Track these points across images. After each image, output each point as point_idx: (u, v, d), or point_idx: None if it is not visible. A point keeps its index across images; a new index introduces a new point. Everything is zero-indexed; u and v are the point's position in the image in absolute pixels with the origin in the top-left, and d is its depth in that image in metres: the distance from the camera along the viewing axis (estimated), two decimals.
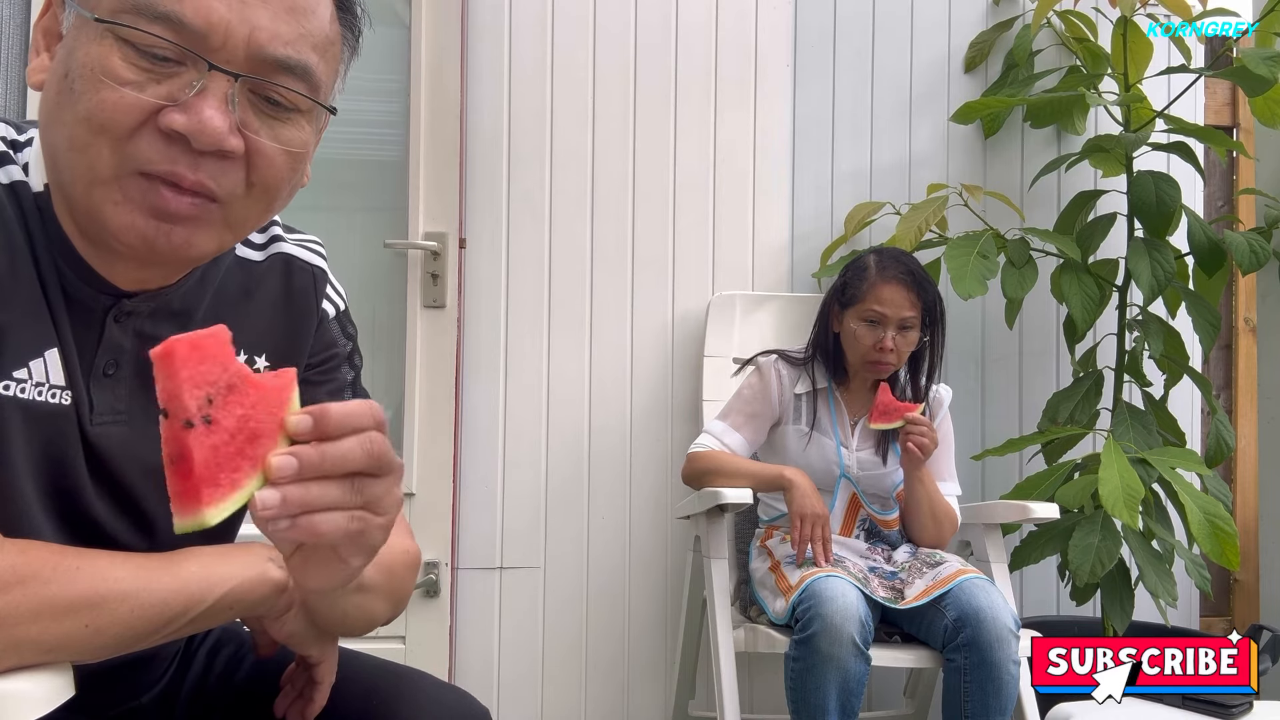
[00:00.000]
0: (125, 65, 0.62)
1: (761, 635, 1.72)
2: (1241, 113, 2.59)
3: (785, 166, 2.39)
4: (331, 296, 0.87)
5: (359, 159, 2.30)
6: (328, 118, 0.75)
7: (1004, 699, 1.58)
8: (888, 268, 1.84)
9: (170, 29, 0.62)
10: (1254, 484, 2.57)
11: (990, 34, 2.41)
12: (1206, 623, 2.55)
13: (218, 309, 0.78)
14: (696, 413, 2.23)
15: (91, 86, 0.62)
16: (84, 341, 0.70)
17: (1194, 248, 2.12)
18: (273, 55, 0.65)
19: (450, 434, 2.17)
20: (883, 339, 1.82)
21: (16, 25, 2.10)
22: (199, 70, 0.63)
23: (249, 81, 0.65)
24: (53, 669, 0.61)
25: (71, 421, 0.69)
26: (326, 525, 0.55)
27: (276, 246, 0.84)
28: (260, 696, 0.86)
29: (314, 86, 0.69)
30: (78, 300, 0.69)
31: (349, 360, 0.89)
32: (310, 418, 0.55)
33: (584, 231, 2.32)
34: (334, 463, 0.55)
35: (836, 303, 1.92)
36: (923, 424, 1.77)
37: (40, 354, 0.67)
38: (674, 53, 2.36)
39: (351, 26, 0.73)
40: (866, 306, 1.83)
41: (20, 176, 0.69)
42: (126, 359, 0.72)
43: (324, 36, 0.69)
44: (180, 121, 0.62)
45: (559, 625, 2.28)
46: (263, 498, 0.53)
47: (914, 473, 1.83)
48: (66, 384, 0.69)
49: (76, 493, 0.71)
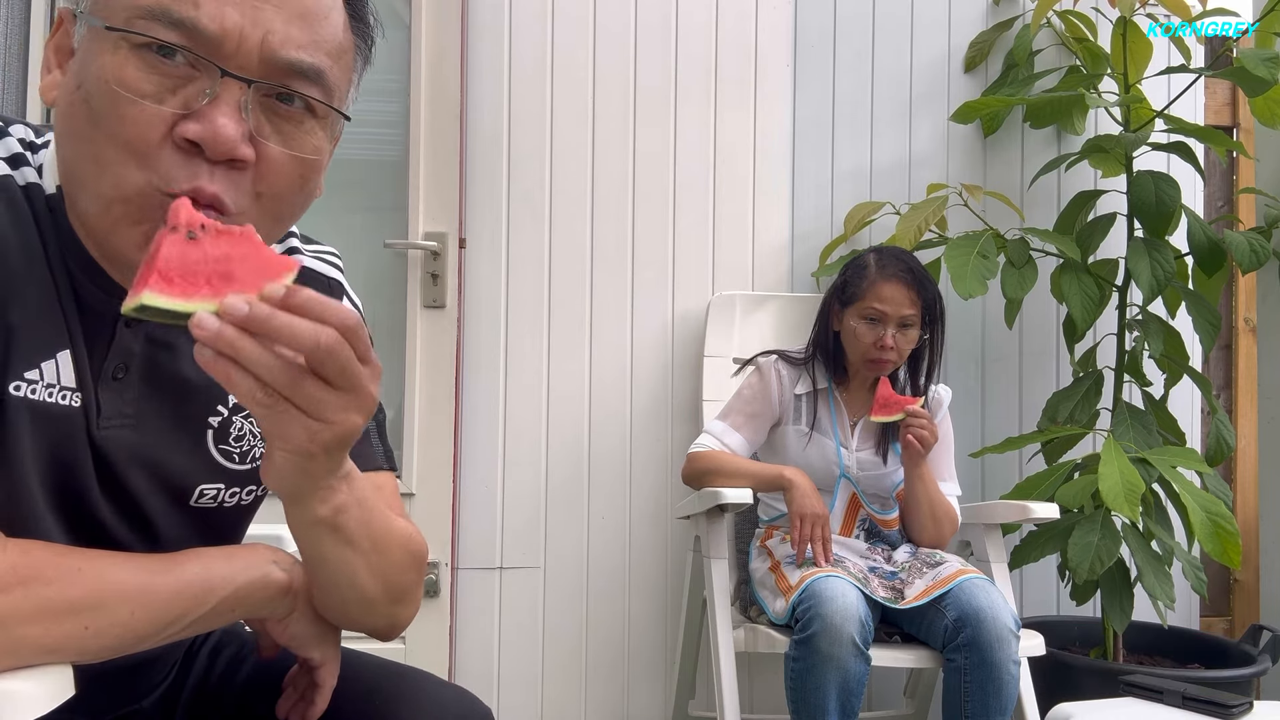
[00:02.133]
0: (140, 76, 0.62)
1: (761, 635, 1.72)
2: (1241, 112, 2.59)
3: (785, 166, 2.39)
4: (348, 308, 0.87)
5: (359, 159, 2.30)
6: (342, 126, 0.75)
7: (1004, 699, 1.58)
8: (888, 266, 1.85)
9: (185, 35, 0.62)
10: (1254, 484, 2.57)
11: (990, 34, 2.41)
12: (1206, 623, 2.55)
13: None
14: (696, 413, 2.23)
15: (109, 102, 0.62)
16: (94, 345, 0.70)
17: (1194, 248, 2.12)
18: (286, 59, 0.65)
19: (450, 434, 2.17)
20: (883, 337, 1.82)
21: (16, 26, 2.10)
22: (212, 78, 0.63)
23: (262, 87, 0.65)
24: (53, 669, 0.61)
25: (80, 424, 0.69)
26: (239, 381, 0.56)
27: (293, 259, 0.84)
28: (262, 698, 0.86)
29: (327, 91, 0.69)
30: (89, 303, 0.69)
31: None
32: (284, 288, 0.56)
33: (584, 231, 2.33)
34: (279, 330, 0.55)
35: (836, 301, 1.92)
36: (923, 416, 1.78)
37: (52, 355, 0.67)
38: (674, 53, 2.36)
39: (364, 35, 0.73)
40: (867, 304, 1.83)
41: (35, 179, 0.69)
42: (136, 363, 0.72)
43: (337, 43, 0.69)
44: (194, 130, 0.62)
45: (559, 625, 2.28)
46: (202, 318, 0.54)
47: (914, 470, 1.83)
48: (77, 386, 0.69)
49: (83, 495, 0.71)
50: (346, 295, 0.88)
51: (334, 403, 0.59)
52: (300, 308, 0.56)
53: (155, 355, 0.73)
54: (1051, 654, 1.85)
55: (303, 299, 0.56)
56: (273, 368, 0.56)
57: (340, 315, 0.57)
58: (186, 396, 0.74)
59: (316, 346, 0.56)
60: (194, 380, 0.75)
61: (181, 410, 0.74)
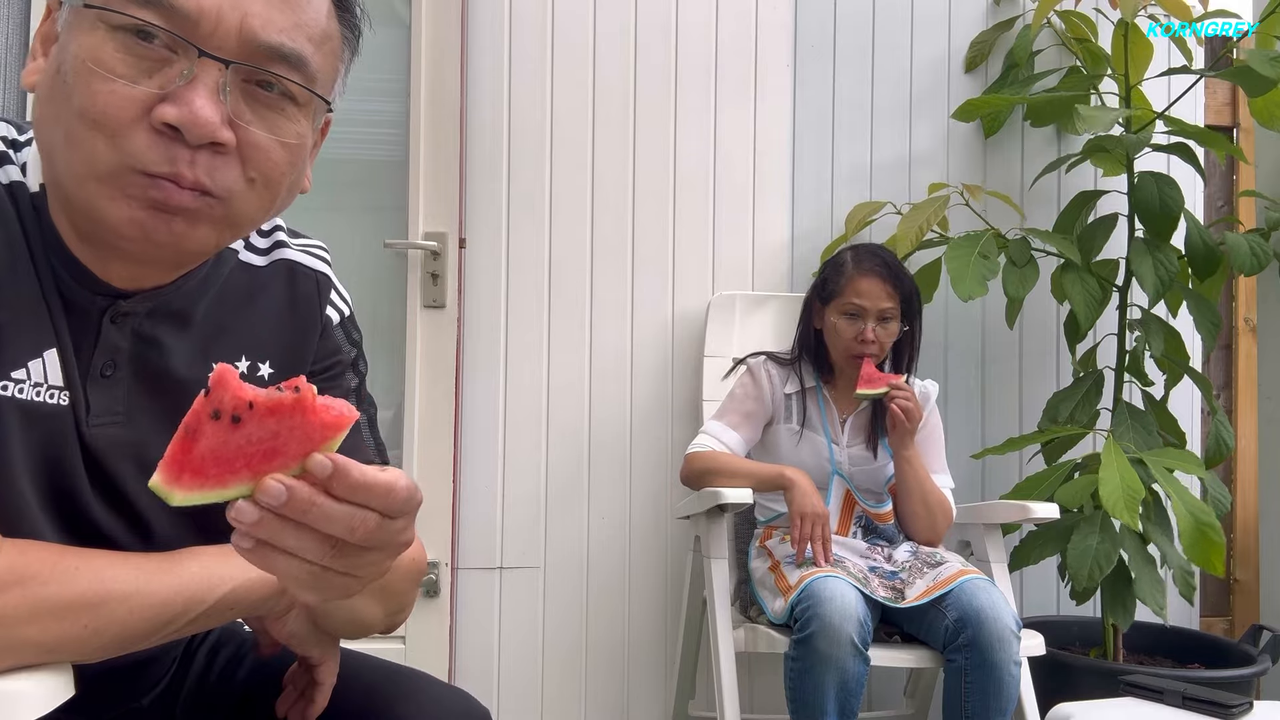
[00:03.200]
0: (116, 57, 0.61)
1: (761, 635, 1.72)
2: (1242, 113, 2.59)
3: (785, 166, 2.39)
4: (336, 303, 0.86)
5: (359, 159, 2.30)
6: (328, 117, 0.74)
7: (1004, 699, 1.58)
8: (864, 261, 1.89)
9: (160, 14, 0.61)
10: (1254, 484, 2.57)
11: (990, 34, 2.41)
12: (1207, 623, 2.55)
13: (219, 311, 0.77)
14: (696, 412, 2.23)
15: (83, 78, 0.61)
16: (81, 343, 0.70)
17: (1190, 252, 2.12)
18: (266, 42, 0.64)
19: (450, 434, 2.17)
20: (864, 330, 1.86)
21: (16, 25, 2.10)
22: (189, 59, 0.62)
23: (241, 70, 0.64)
24: (52, 669, 0.61)
25: (69, 422, 0.69)
26: (282, 566, 0.53)
27: (280, 252, 0.83)
28: (260, 697, 0.86)
29: (309, 77, 0.67)
30: (74, 301, 0.69)
31: (353, 367, 0.88)
32: (330, 465, 0.52)
33: (584, 231, 2.32)
34: (316, 519, 0.52)
35: (817, 299, 1.96)
36: (906, 390, 1.81)
37: (39, 354, 0.67)
38: (674, 53, 2.36)
39: (351, 26, 0.72)
40: (846, 300, 1.87)
41: (18, 177, 0.68)
42: (124, 360, 0.72)
43: (320, 29, 0.68)
44: (171, 114, 0.61)
45: (559, 625, 2.28)
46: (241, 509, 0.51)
47: (902, 450, 1.85)
48: (65, 385, 0.69)
49: (74, 494, 0.71)
50: (334, 289, 0.87)
51: (372, 559, 0.57)
52: (345, 491, 0.52)
53: (143, 352, 0.73)
54: (1051, 654, 1.85)
55: (346, 484, 0.52)
56: (314, 552, 0.53)
57: (390, 494, 0.54)
58: (175, 392, 0.74)
59: (352, 533, 0.53)
60: (183, 376, 0.75)
61: (171, 406, 0.73)
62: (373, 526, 0.54)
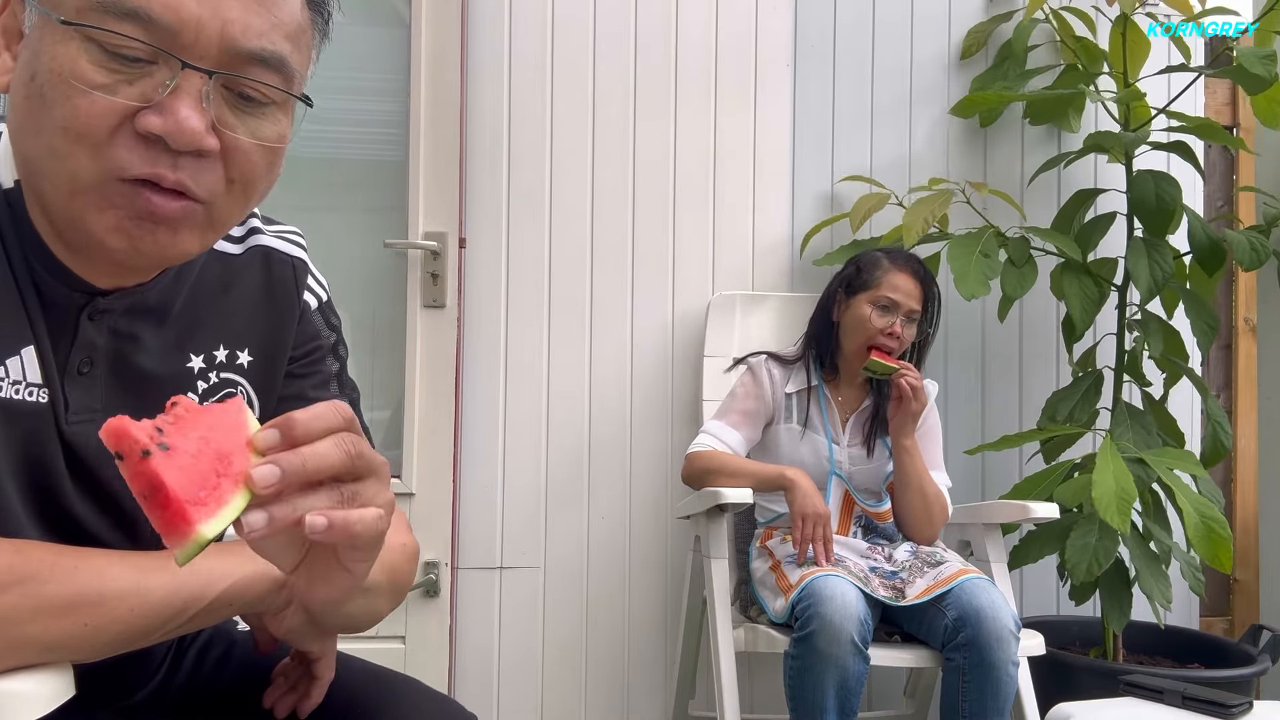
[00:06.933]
0: (94, 68, 0.61)
1: (761, 635, 1.72)
2: (1242, 112, 2.59)
3: (785, 166, 2.39)
4: (313, 287, 0.86)
5: (359, 159, 2.30)
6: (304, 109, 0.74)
7: (1001, 699, 1.58)
8: (900, 259, 1.93)
9: (139, 27, 0.61)
10: (1254, 484, 2.57)
11: (987, 25, 2.40)
12: (1206, 623, 2.55)
13: (195, 304, 0.77)
14: (696, 412, 2.23)
15: (63, 93, 0.61)
16: (59, 340, 0.69)
17: (1194, 247, 2.12)
18: (246, 48, 0.64)
19: (450, 434, 2.17)
20: (893, 324, 1.87)
21: None
22: (171, 69, 0.62)
23: (223, 77, 0.64)
24: (53, 669, 0.61)
25: (49, 420, 0.69)
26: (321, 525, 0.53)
27: (255, 239, 0.82)
28: (251, 694, 0.86)
29: (288, 77, 0.67)
30: (51, 298, 0.69)
31: (333, 352, 0.88)
32: (276, 430, 0.53)
33: (584, 231, 2.33)
34: (315, 465, 0.53)
35: (843, 289, 1.96)
36: (913, 370, 1.84)
37: (16, 352, 0.67)
38: (674, 53, 2.36)
39: (320, 10, 0.72)
40: (880, 292, 1.89)
41: None
42: (101, 357, 0.71)
43: (296, 24, 0.68)
44: (157, 124, 0.61)
45: (559, 625, 2.28)
46: (249, 520, 0.51)
47: (903, 441, 1.86)
48: (43, 382, 0.68)
49: (56, 492, 0.70)
50: (311, 274, 0.86)
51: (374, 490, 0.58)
52: (305, 434, 0.54)
53: (120, 348, 0.73)
54: (1051, 654, 1.85)
55: (302, 426, 0.54)
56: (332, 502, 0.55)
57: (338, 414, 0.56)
58: (154, 388, 0.73)
59: (347, 455, 0.55)
60: (160, 372, 0.74)
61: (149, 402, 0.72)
62: (354, 438, 0.56)
